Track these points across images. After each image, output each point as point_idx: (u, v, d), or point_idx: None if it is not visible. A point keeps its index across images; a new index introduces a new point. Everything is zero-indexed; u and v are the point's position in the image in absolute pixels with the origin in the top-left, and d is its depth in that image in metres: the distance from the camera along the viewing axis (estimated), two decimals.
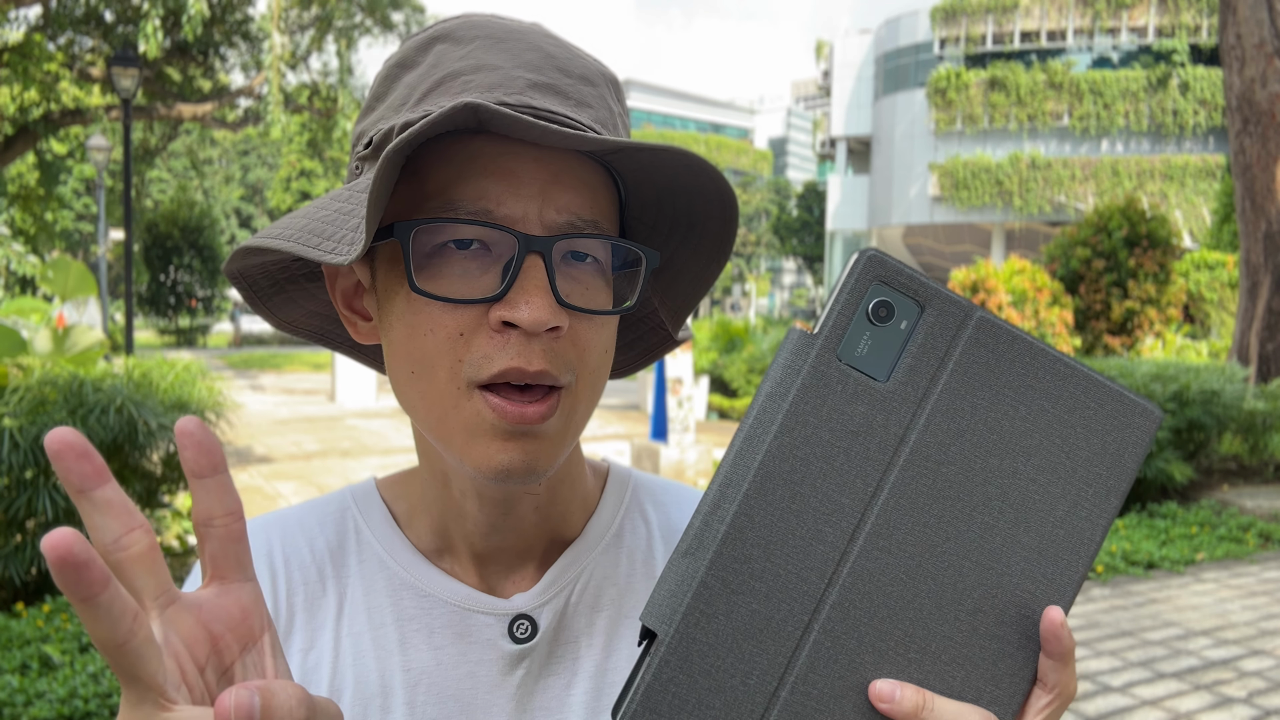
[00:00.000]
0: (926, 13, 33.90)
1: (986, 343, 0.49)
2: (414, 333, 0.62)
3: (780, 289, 78.93)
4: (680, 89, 79.36)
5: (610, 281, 0.66)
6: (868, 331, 0.48)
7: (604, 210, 0.65)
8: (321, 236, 0.62)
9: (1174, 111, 30.54)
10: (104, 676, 3.58)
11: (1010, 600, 0.49)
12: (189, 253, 31.63)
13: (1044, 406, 0.49)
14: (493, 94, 0.61)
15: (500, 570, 0.72)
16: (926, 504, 0.48)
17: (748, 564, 0.47)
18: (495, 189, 0.61)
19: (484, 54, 0.64)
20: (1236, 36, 10.45)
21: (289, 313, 0.79)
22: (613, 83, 0.69)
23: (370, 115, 0.68)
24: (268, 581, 0.71)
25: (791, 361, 0.48)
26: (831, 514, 0.48)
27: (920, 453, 0.48)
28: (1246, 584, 5.90)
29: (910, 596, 0.48)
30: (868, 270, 0.48)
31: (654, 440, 8.62)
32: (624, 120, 0.70)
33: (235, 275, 0.74)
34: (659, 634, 0.46)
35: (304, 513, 0.76)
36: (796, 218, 51.93)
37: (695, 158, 0.59)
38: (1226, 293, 16.25)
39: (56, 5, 15.40)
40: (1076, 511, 0.49)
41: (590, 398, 0.66)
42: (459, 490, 0.69)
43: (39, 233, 20.14)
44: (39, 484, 4.51)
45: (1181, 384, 8.04)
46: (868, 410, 0.48)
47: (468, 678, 0.69)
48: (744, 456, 0.47)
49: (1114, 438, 0.49)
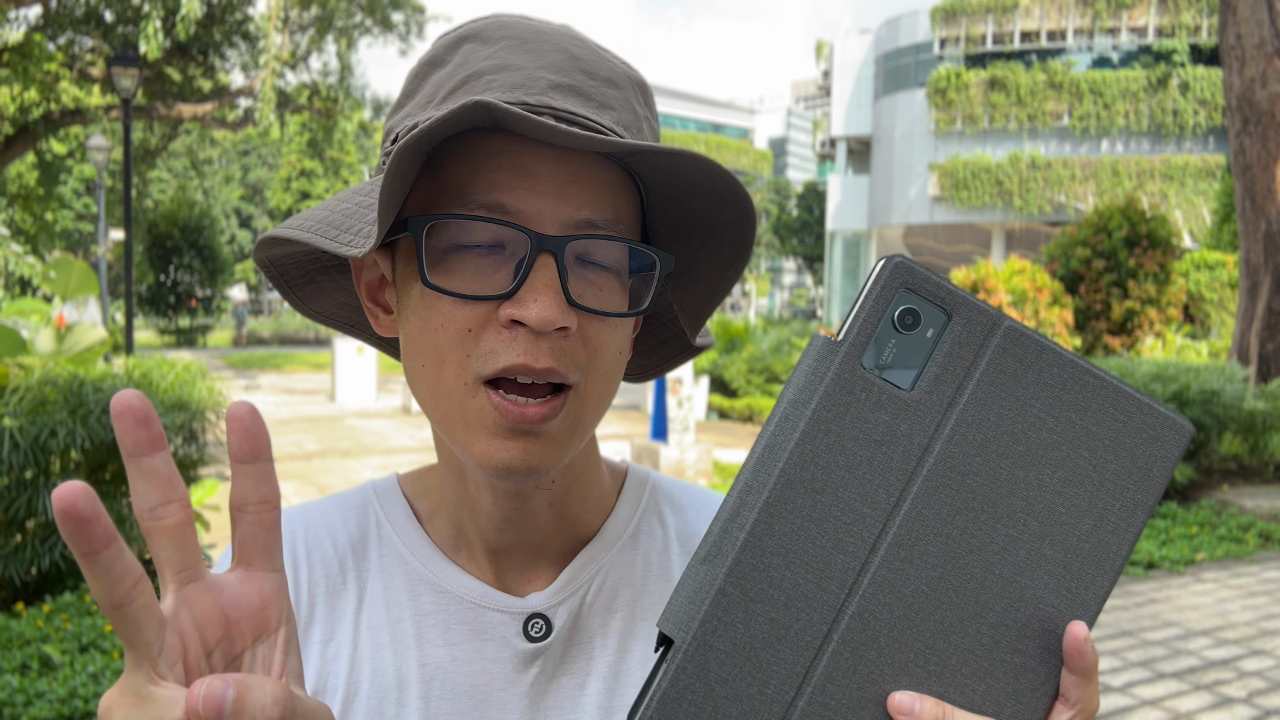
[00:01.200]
0: (926, 13, 33.88)
1: (1014, 353, 0.48)
2: (426, 326, 0.63)
3: (780, 289, 78.94)
4: (680, 89, 79.36)
5: (626, 284, 0.66)
6: (893, 339, 0.48)
7: (623, 212, 0.65)
8: (340, 229, 0.64)
9: (1174, 111, 30.53)
10: (104, 676, 3.58)
11: (1033, 614, 0.48)
12: (189, 253, 31.62)
13: (1072, 418, 0.48)
14: (515, 94, 0.62)
15: (516, 568, 0.73)
16: (950, 515, 0.48)
17: (767, 572, 0.46)
18: (510, 185, 0.61)
19: (509, 54, 0.64)
20: (1236, 36, 10.45)
21: (320, 303, 0.80)
22: (640, 86, 0.69)
23: (400, 112, 0.69)
24: (290, 572, 0.72)
25: (815, 368, 0.47)
26: (853, 523, 0.47)
27: (945, 463, 0.47)
28: (1246, 584, 5.90)
29: (932, 608, 0.47)
30: (894, 277, 0.48)
31: (654, 440, 8.62)
32: (651, 124, 0.70)
33: (266, 264, 0.74)
34: (676, 641, 0.46)
35: (327, 506, 0.77)
36: (796, 218, 51.94)
37: (710, 162, 0.59)
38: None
39: (56, 5, 15.40)
40: (1103, 525, 0.49)
41: (601, 398, 0.66)
42: (473, 484, 0.70)
43: (39, 233, 20.15)
44: (39, 484, 4.51)
45: (1181, 384, 8.05)
46: (892, 419, 0.47)
47: (482, 675, 0.69)
48: (765, 463, 0.47)
49: (1143, 451, 0.49)
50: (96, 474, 4.93)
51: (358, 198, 0.67)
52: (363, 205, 0.65)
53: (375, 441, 11.18)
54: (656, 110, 0.73)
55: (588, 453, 0.74)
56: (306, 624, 0.71)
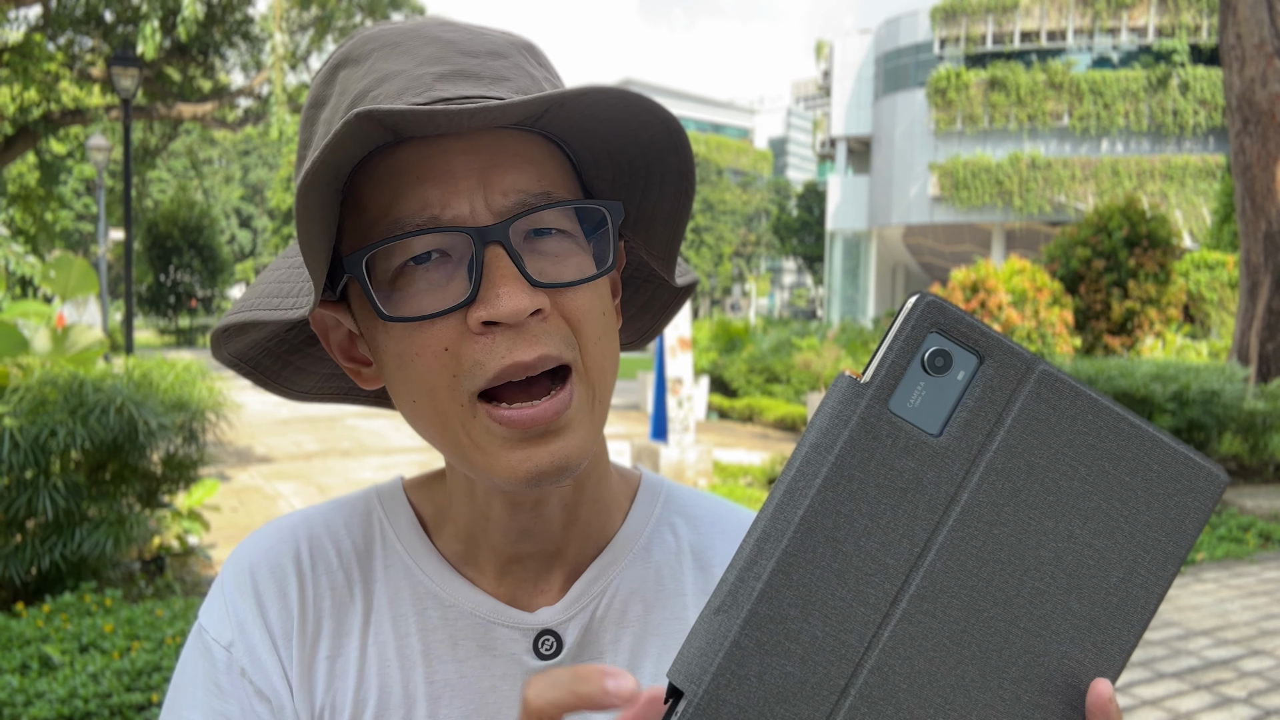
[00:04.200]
0: (926, 13, 33.89)
1: (1048, 398, 0.46)
2: (403, 361, 0.61)
3: (780, 289, 78.92)
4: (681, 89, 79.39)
5: (587, 248, 0.64)
6: (922, 382, 0.45)
7: (554, 179, 0.63)
8: (280, 296, 0.62)
9: (1174, 111, 30.54)
10: (104, 676, 3.58)
11: (1057, 669, 0.46)
12: (189, 253, 31.64)
13: (1105, 467, 0.47)
14: (402, 99, 0.59)
15: (527, 578, 0.71)
16: (976, 567, 0.46)
17: (784, 624, 0.44)
18: (435, 193, 0.59)
19: (383, 64, 0.62)
20: (1236, 36, 10.45)
21: (303, 382, 0.78)
22: (527, 49, 0.67)
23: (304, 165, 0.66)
24: (295, 586, 0.70)
25: (839, 411, 0.45)
26: (875, 574, 0.45)
27: (972, 512, 0.46)
28: (1246, 584, 5.90)
29: (953, 663, 0.46)
30: (925, 317, 0.45)
31: (654, 440, 8.62)
32: (552, 83, 0.67)
33: (232, 362, 0.72)
34: (686, 694, 0.44)
35: (330, 514, 0.75)
36: (796, 218, 51.92)
37: (621, 92, 0.56)
38: (1226, 293, 16.25)
39: (56, 5, 15.40)
40: (1131, 579, 0.47)
41: (605, 367, 0.64)
42: (484, 494, 0.68)
43: (39, 233, 20.15)
44: (39, 484, 4.50)
45: (1181, 384, 8.05)
46: (918, 466, 0.45)
47: (491, 692, 0.68)
48: (784, 510, 0.45)
49: (1176, 502, 0.47)
50: (96, 474, 4.93)
51: (288, 260, 0.65)
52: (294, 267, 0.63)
53: (375, 441, 11.18)
54: (553, 67, 0.69)
55: (596, 451, 0.71)
56: (314, 639, 0.69)
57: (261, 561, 0.71)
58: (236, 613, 0.69)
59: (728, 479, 8.56)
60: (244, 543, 0.73)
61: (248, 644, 0.68)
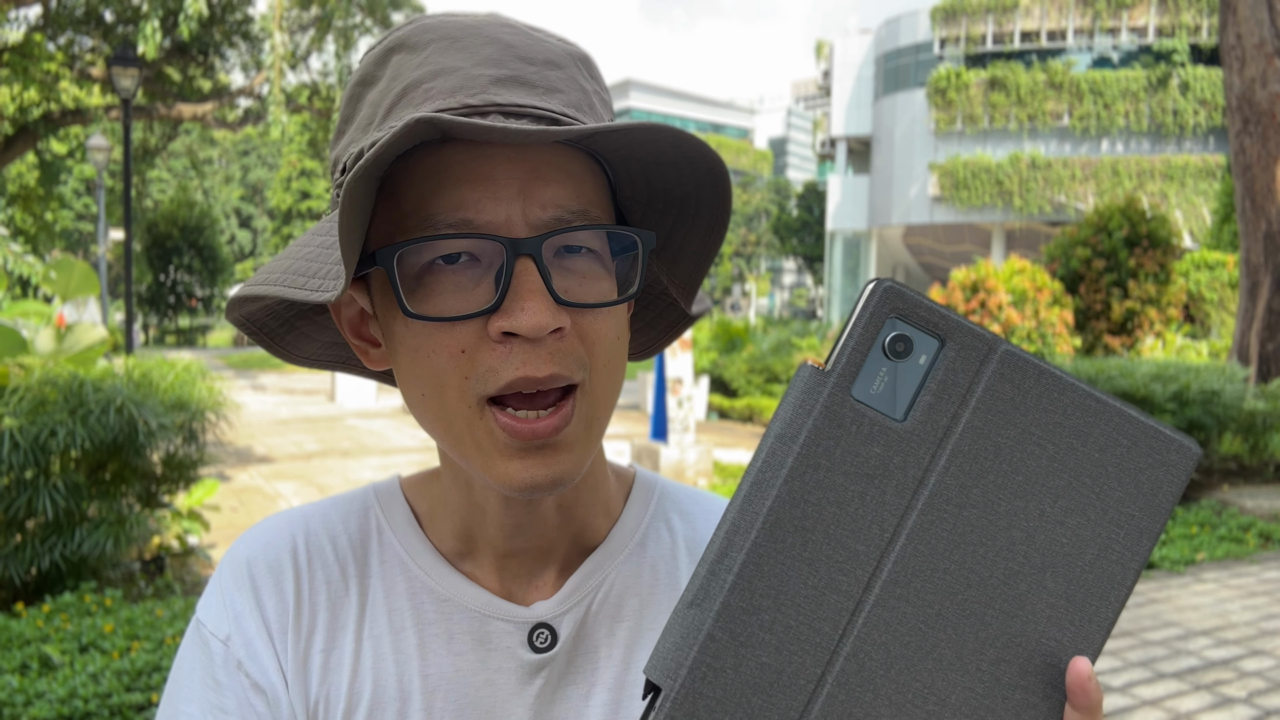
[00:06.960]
0: (926, 13, 33.87)
1: (1012, 378, 0.46)
2: (418, 356, 0.61)
3: (780, 289, 78.91)
4: (681, 89, 79.38)
5: (611, 269, 0.64)
6: (884, 368, 0.45)
7: (591, 197, 0.63)
8: (306, 275, 0.61)
9: (1174, 111, 30.53)
10: (104, 676, 3.58)
11: (1035, 649, 0.46)
12: (189, 253, 31.65)
13: (1073, 444, 0.46)
14: (455, 98, 0.59)
15: (522, 574, 0.71)
16: (947, 549, 0.46)
17: (757, 615, 0.45)
18: (473, 196, 0.59)
19: (441, 57, 0.61)
20: (1236, 36, 10.45)
21: (305, 348, 0.78)
22: (582, 60, 0.67)
23: (342, 139, 0.67)
24: (291, 580, 0.70)
25: (803, 400, 0.45)
26: (845, 562, 0.45)
27: (940, 496, 0.46)
28: (1246, 584, 5.90)
29: (929, 647, 0.46)
30: (884, 303, 0.45)
31: (654, 440, 8.62)
32: (601, 97, 0.67)
33: (241, 323, 0.72)
34: (663, 688, 0.45)
35: (328, 509, 0.75)
36: (796, 218, 51.91)
37: (670, 129, 0.56)
38: (1226, 293, 16.24)
39: (56, 5, 15.39)
40: (1106, 555, 0.47)
41: (609, 390, 0.65)
42: (480, 491, 0.69)
43: (39, 233, 20.14)
44: (39, 484, 4.50)
45: (1181, 384, 8.04)
46: (884, 451, 0.45)
47: (486, 685, 0.69)
48: (752, 502, 0.45)
49: (1148, 476, 0.47)
50: (96, 474, 4.93)
51: (319, 239, 0.65)
52: (325, 246, 0.63)
53: (375, 441, 11.18)
54: (604, 80, 0.70)
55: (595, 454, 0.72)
56: (309, 632, 0.69)
57: (259, 556, 0.71)
58: (233, 606, 0.69)
59: (728, 479, 8.56)
60: (241, 538, 0.73)
61: (244, 637, 0.68)
